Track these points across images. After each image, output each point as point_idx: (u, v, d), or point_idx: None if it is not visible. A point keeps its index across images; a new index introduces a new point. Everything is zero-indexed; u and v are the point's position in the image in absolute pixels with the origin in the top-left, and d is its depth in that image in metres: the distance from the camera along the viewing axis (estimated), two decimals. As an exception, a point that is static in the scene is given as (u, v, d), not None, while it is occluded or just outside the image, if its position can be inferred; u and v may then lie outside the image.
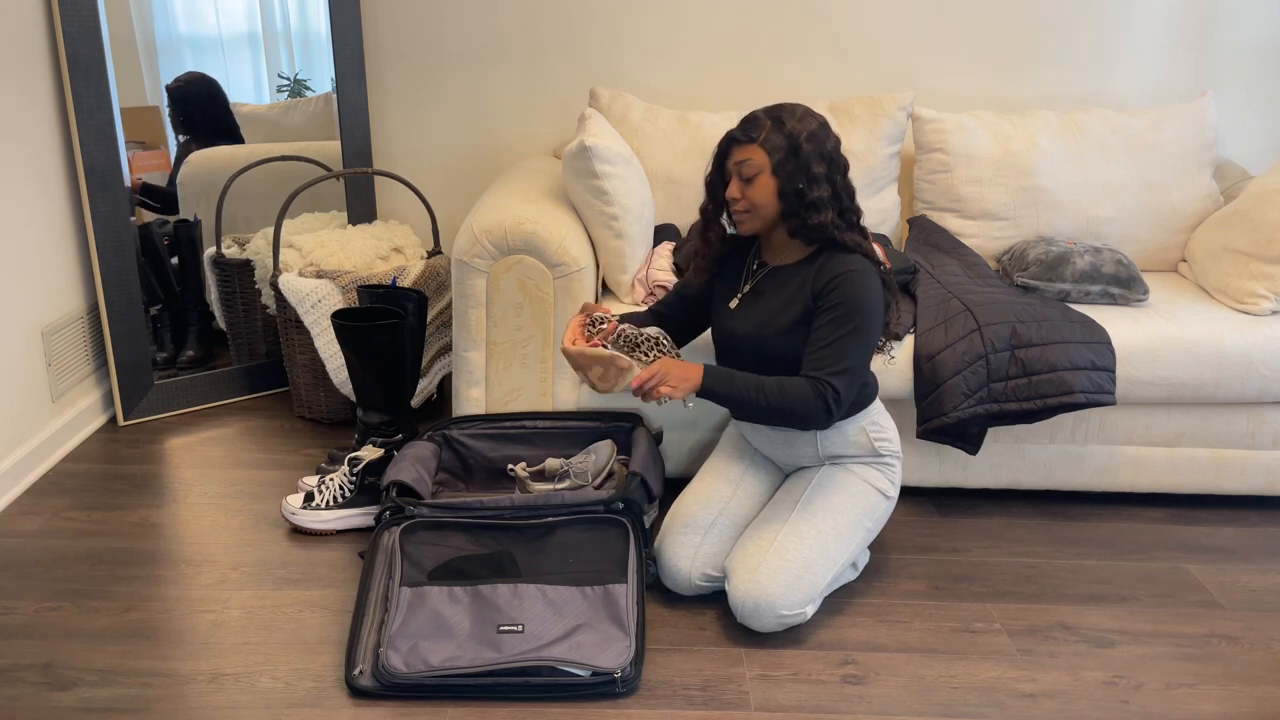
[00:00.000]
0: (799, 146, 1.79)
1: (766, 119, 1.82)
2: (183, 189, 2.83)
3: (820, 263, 1.84)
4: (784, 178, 1.80)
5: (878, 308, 1.81)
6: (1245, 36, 2.97)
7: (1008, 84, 3.00)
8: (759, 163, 1.81)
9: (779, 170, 1.80)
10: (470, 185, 3.11)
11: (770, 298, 1.89)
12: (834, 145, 1.82)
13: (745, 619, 1.83)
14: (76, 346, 2.61)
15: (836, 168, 1.82)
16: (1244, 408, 2.28)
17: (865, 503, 1.93)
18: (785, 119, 1.81)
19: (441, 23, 2.97)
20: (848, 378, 1.78)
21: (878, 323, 1.82)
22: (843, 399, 1.78)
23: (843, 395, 1.77)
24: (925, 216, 2.76)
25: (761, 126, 1.81)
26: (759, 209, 1.84)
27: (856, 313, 1.78)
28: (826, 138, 1.81)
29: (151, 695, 1.68)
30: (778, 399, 1.77)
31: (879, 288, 1.82)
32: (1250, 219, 2.42)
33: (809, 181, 1.79)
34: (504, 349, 2.26)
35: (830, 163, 1.81)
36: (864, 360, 1.82)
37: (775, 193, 1.81)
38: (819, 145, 1.79)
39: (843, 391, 1.77)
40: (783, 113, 1.82)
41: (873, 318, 1.80)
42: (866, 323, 1.79)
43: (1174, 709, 1.70)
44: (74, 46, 2.42)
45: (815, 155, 1.79)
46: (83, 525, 2.20)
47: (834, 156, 1.82)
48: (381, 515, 1.92)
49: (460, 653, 1.69)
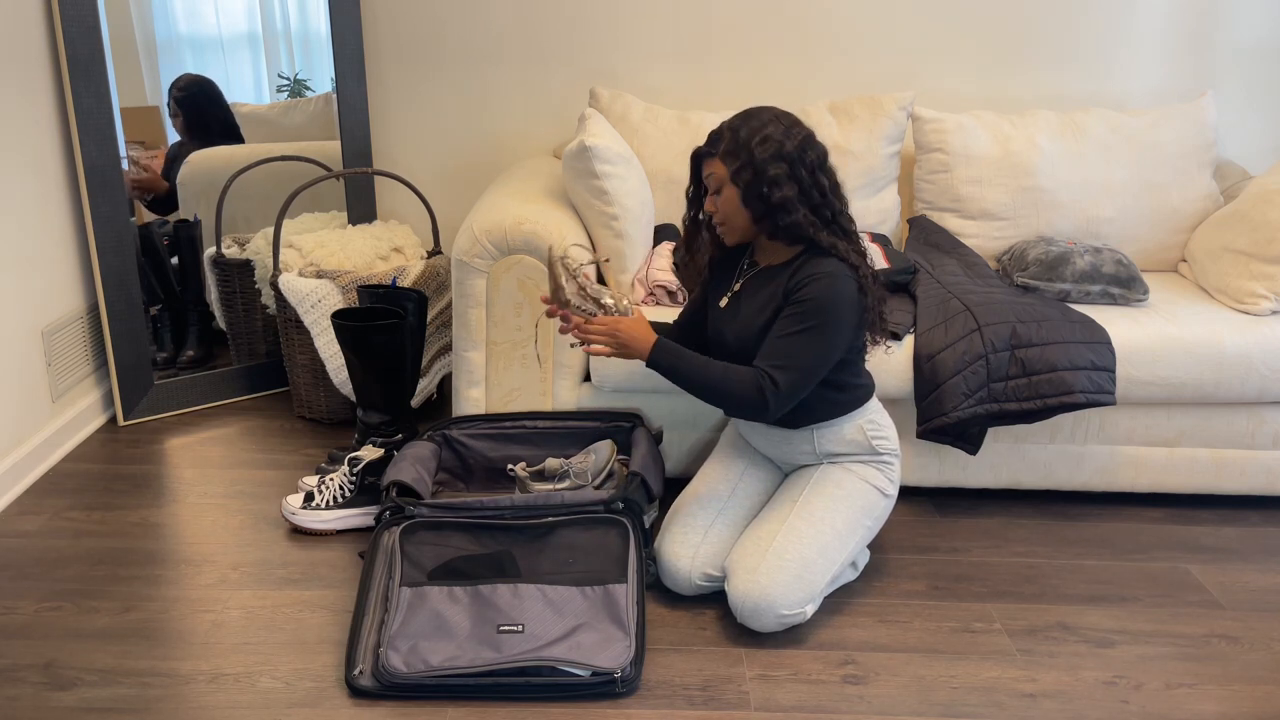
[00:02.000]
0: (751, 152, 1.78)
1: (727, 130, 1.82)
2: (183, 189, 2.83)
3: (798, 264, 1.83)
4: (743, 186, 1.80)
5: (844, 312, 1.79)
6: (1245, 36, 2.97)
7: (1008, 84, 3.00)
8: (721, 175, 1.83)
9: (737, 179, 1.81)
10: (470, 185, 3.11)
11: (752, 298, 1.89)
12: (798, 144, 1.79)
13: (745, 619, 1.83)
14: (76, 346, 2.61)
15: (802, 165, 1.79)
16: (1244, 408, 2.28)
17: (864, 501, 1.93)
18: (741, 127, 1.81)
19: (441, 23, 2.97)
20: (791, 374, 1.78)
21: (841, 328, 1.80)
22: (783, 393, 1.78)
23: (783, 389, 1.77)
24: (925, 216, 2.76)
25: (722, 138, 1.83)
26: (730, 220, 1.85)
27: (817, 314, 1.77)
28: (787, 137, 1.79)
29: (151, 695, 1.68)
30: (719, 380, 1.80)
31: (851, 293, 1.79)
32: (1250, 219, 2.42)
33: (769, 185, 1.78)
34: (504, 349, 2.26)
35: (793, 161, 1.78)
36: (815, 362, 1.79)
37: (739, 201, 1.82)
38: (776, 147, 1.78)
39: (783, 385, 1.77)
40: (743, 120, 1.82)
41: (834, 322, 1.78)
42: (826, 326, 1.78)
43: (1174, 709, 1.70)
44: (74, 46, 2.42)
45: (771, 158, 1.77)
46: (83, 525, 2.20)
47: (796, 155, 1.79)
48: (381, 515, 1.92)
49: (460, 653, 1.69)
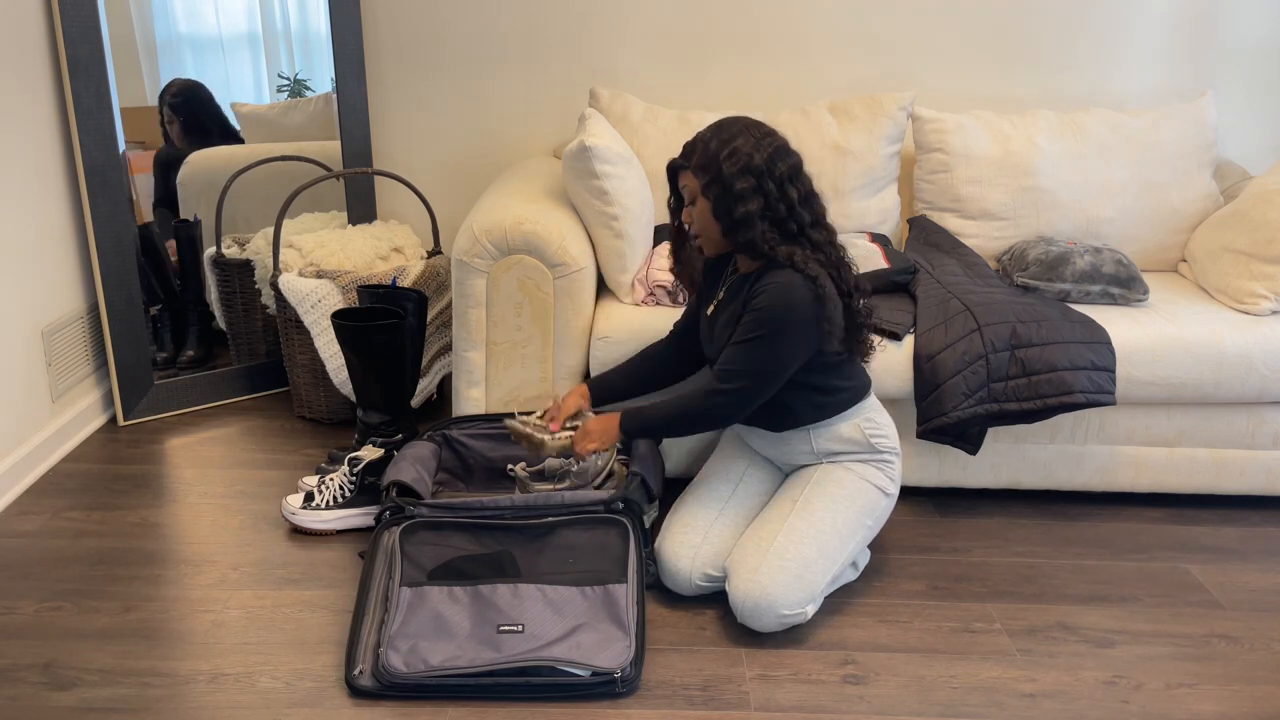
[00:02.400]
0: (720, 166, 1.79)
1: (700, 142, 1.83)
2: (183, 189, 2.83)
3: (757, 275, 1.85)
4: (713, 199, 1.82)
5: (793, 322, 1.78)
6: (1245, 36, 2.97)
7: (1008, 84, 3.00)
8: (694, 188, 1.85)
9: (707, 192, 1.82)
10: (470, 185, 3.11)
11: (728, 307, 1.92)
12: (767, 156, 1.79)
13: (745, 619, 1.83)
14: (76, 346, 2.61)
15: (770, 177, 1.79)
16: (1244, 408, 2.28)
17: (864, 500, 1.93)
18: (713, 139, 1.81)
19: (442, 23, 2.97)
20: (738, 381, 1.82)
21: (788, 338, 1.80)
22: (730, 394, 1.82)
23: (728, 391, 1.81)
24: (925, 216, 2.76)
25: (695, 150, 1.84)
26: (704, 231, 1.87)
27: (763, 324, 1.79)
28: (756, 150, 1.78)
29: (151, 695, 1.68)
30: (679, 412, 1.88)
31: (802, 303, 1.78)
32: (1250, 219, 2.42)
33: (734, 200, 1.79)
34: (504, 349, 2.26)
35: (760, 174, 1.78)
36: (762, 370, 1.81)
37: (710, 214, 1.83)
38: (744, 160, 1.78)
39: (728, 389, 1.81)
40: (714, 132, 1.83)
41: (781, 332, 1.79)
42: (772, 335, 1.79)
43: (1174, 709, 1.70)
44: (74, 46, 2.42)
45: (739, 172, 1.78)
46: (83, 525, 2.20)
47: (765, 168, 1.79)
48: (381, 515, 1.92)
49: (460, 653, 1.69)
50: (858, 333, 1.89)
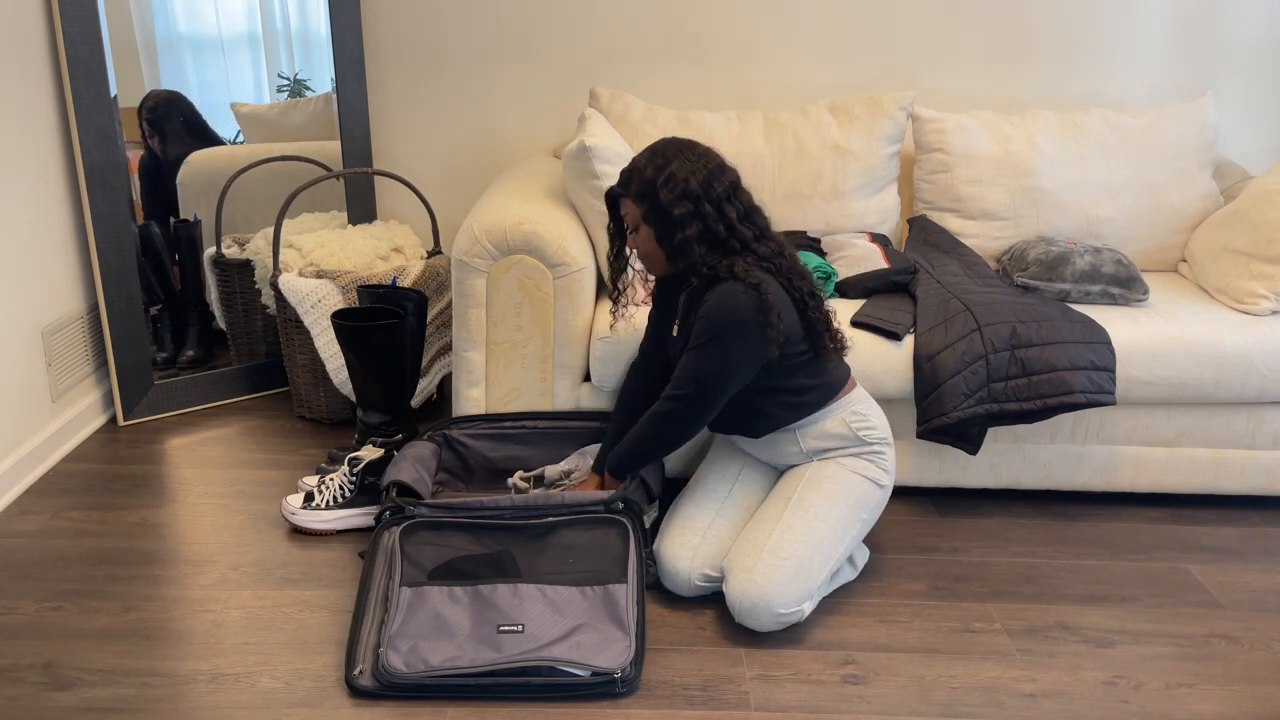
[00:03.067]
0: (657, 195, 1.81)
1: (636, 169, 1.85)
2: (183, 189, 2.83)
3: (703, 289, 1.86)
4: (655, 225, 1.85)
5: (739, 326, 1.79)
6: (1245, 36, 2.97)
7: (1008, 84, 3.00)
8: (634, 215, 1.88)
9: (649, 220, 1.85)
10: (470, 185, 3.11)
11: (685, 323, 1.93)
12: (703, 179, 1.81)
13: (743, 618, 1.83)
14: (76, 346, 2.61)
15: (708, 200, 1.81)
16: (1244, 408, 2.28)
17: (858, 494, 1.93)
18: (648, 165, 1.83)
19: (441, 23, 2.97)
20: (689, 389, 1.85)
21: (734, 345, 1.81)
22: (682, 401, 1.85)
23: (681, 398, 1.84)
24: (925, 216, 2.76)
25: (632, 178, 1.86)
26: (649, 255, 1.90)
27: (706, 333, 1.82)
28: (692, 174, 1.80)
29: (151, 695, 1.68)
30: (645, 437, 1.91)
31: (748, 308, 1.79)
32: (1250, 219, 2.42)
33: (674, 226, 1.82)
34: (504, 349, 2.26)
35: (697, 198, 1.81)
36: (711, 377, 1.83)
37: (654, 240, 1.86)
38: (681, 186, 1.80)
39: (680, 395, 1.85)
40: (649, 158, 1.84)
41: (728, 337, 1.80)
42: (720, 340, 1.81)
43: (1174, 709, 1.70)
44: (74, 46, 2.42)
45: (677, 198, 1.80)
46: (83, 525, 2.20)
47: (702, 191, 1.81)
48: (381, 515, 1.92)
49: (460, 653, 1.69)
50: (818, 337, 1.90)
